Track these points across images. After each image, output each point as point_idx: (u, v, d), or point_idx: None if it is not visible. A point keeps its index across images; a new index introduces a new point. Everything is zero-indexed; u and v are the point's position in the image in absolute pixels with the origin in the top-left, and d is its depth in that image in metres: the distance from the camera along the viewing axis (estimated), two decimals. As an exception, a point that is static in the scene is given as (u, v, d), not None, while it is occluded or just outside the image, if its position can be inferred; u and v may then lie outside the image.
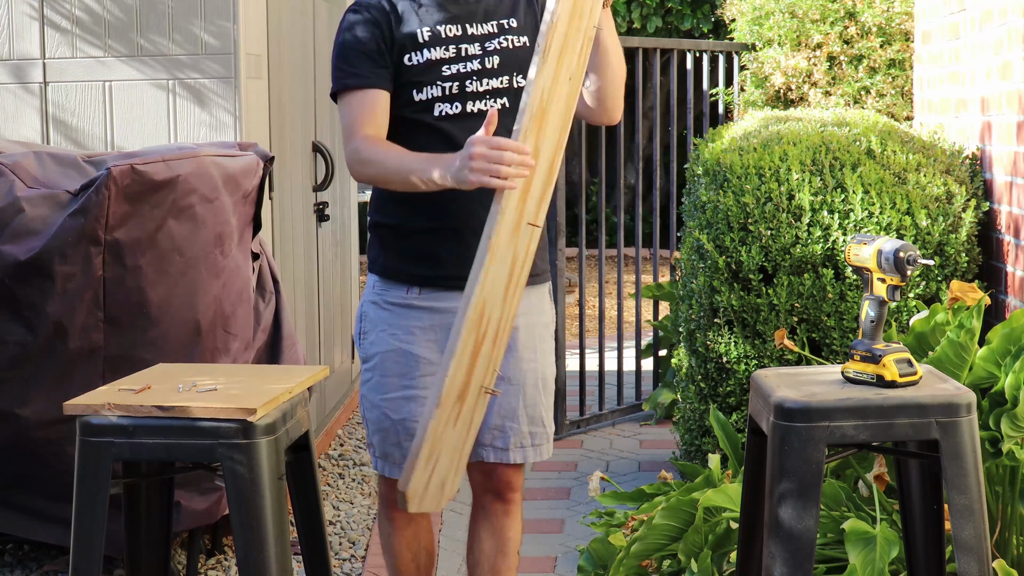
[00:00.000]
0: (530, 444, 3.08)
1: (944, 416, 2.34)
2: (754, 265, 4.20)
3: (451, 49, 2.98)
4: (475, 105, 2.98)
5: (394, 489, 2.98)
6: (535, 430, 3.08)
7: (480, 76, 2.99)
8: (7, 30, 4.27)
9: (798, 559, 2.33)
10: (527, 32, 3.06)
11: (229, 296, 3.80)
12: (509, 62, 3.02)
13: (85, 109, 4.28)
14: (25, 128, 4.30)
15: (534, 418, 3.08)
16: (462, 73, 2.98)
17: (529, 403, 3.06)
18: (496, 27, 3.03)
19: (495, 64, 3.01)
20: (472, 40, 3.01)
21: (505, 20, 3.05)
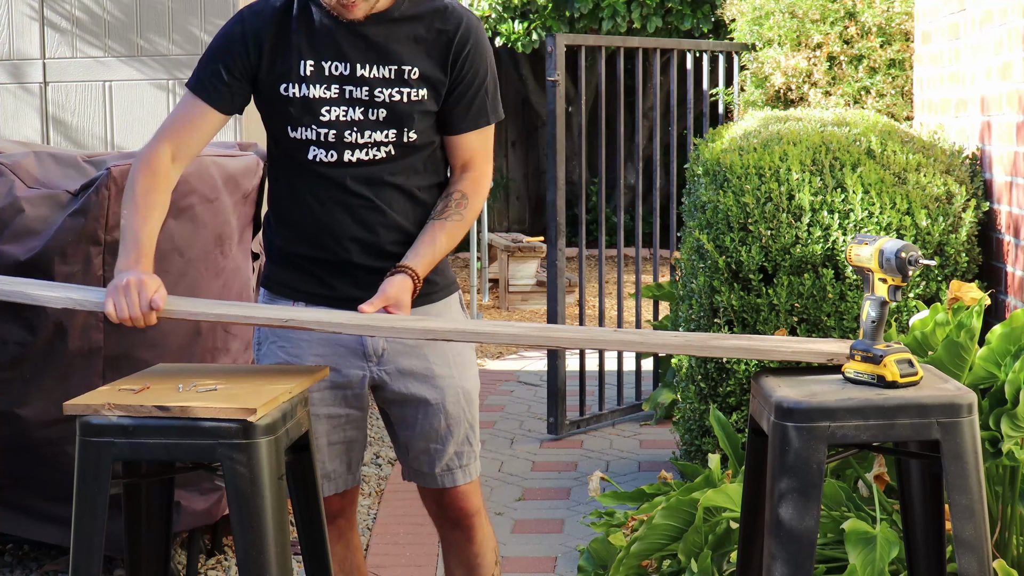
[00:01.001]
0: (457, 466, 2.94)
1: (945, 416, 2.34)
2: (754, 265, 4.20)
3: (333, 89, 2.75)
4: (354, 154, 2.78)
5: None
6: (461, 449, 2.93)
7: (362, 127, 2.77)
8: (7, 30, 4.27)
9: (799, 559, 2.33)
10: (430, 85, 2.78)
11: (229, 296, 3.80)
12: (400, 115, 2.77)
13: (85, 109, 4.28)
14: (25, 128, 4.30)
15: (458, 437, 2.92)
16: (342, 121, 2.75)
17: (453, 421, 2.91)
18: (392, 72, 2.76)
19: (380, 116, 2.77)
20: (360, 83, 2.75)
21: (408, 67, 2.76)
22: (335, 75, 2.75)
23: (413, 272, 2.75)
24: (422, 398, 2.88)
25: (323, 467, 2.90)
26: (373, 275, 2.79)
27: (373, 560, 4.18)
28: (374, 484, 4.97)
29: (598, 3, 10.92)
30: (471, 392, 2.94)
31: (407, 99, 2.77)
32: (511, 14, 11.21)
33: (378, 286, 2.76)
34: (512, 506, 4.72)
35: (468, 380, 2.94)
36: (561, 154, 5.62)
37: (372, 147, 2.79)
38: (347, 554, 3.04)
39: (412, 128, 2.79)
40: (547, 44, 5.59)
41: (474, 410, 2.96)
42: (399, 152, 2.80)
